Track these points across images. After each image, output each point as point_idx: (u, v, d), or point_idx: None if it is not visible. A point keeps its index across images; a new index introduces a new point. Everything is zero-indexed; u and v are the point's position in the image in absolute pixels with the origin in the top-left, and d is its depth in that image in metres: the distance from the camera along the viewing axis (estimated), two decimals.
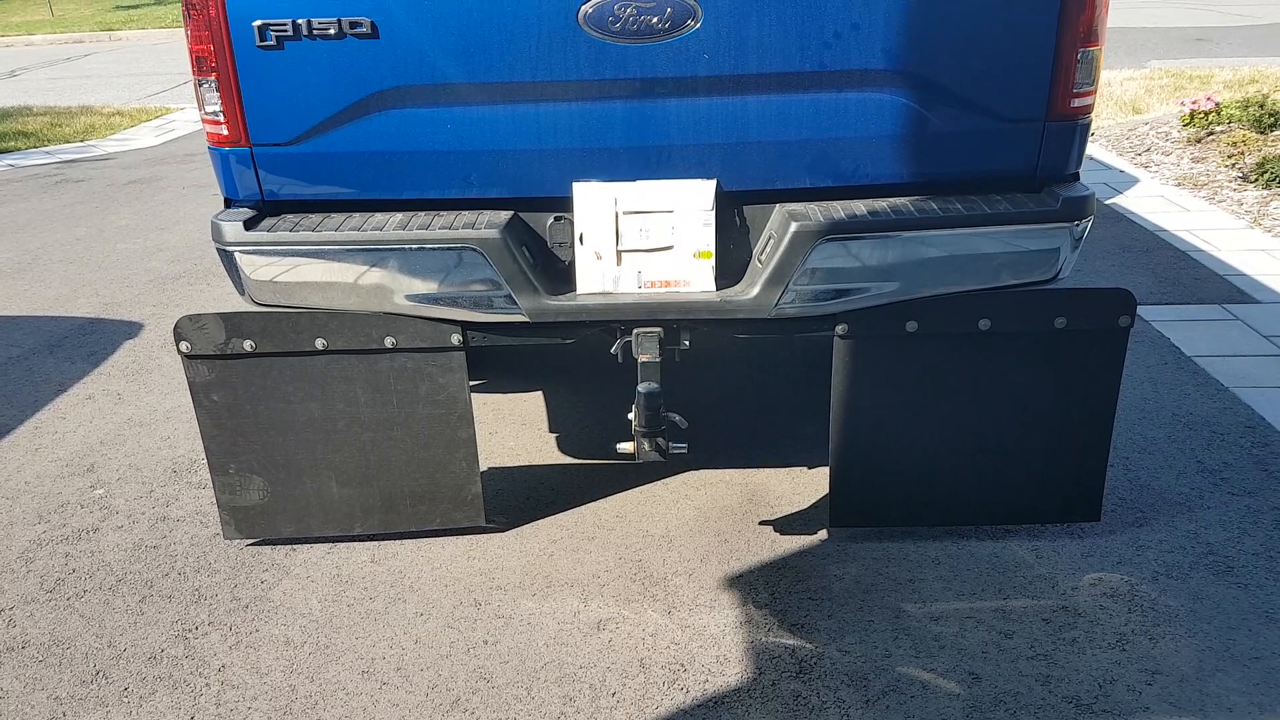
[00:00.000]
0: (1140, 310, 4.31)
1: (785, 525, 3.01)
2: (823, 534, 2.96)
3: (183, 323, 2.65)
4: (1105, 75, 9.16)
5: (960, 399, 2.72)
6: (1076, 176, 2.64)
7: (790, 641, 2.52)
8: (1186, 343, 4.08)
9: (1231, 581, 2.66)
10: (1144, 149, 7.17)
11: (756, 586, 2.74)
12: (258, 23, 2.40)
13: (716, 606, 2.66)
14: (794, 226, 2.48)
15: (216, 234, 2.56)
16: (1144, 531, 2.89)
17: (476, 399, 3.45)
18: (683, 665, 2.46)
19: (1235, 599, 2.60)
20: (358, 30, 2.40)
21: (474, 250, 2.51)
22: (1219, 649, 2.43)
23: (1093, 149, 7.34)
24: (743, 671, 2.43)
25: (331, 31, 2.40)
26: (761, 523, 3.02)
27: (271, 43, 2.41)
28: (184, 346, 2.67)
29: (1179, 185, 6.32)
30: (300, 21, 2.39)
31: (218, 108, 2.49)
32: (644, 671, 2.44)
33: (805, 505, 3.11)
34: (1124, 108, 8.42)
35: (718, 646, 2.52)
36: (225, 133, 2.52)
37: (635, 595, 2.72)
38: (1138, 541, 2.85)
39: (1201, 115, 7.14)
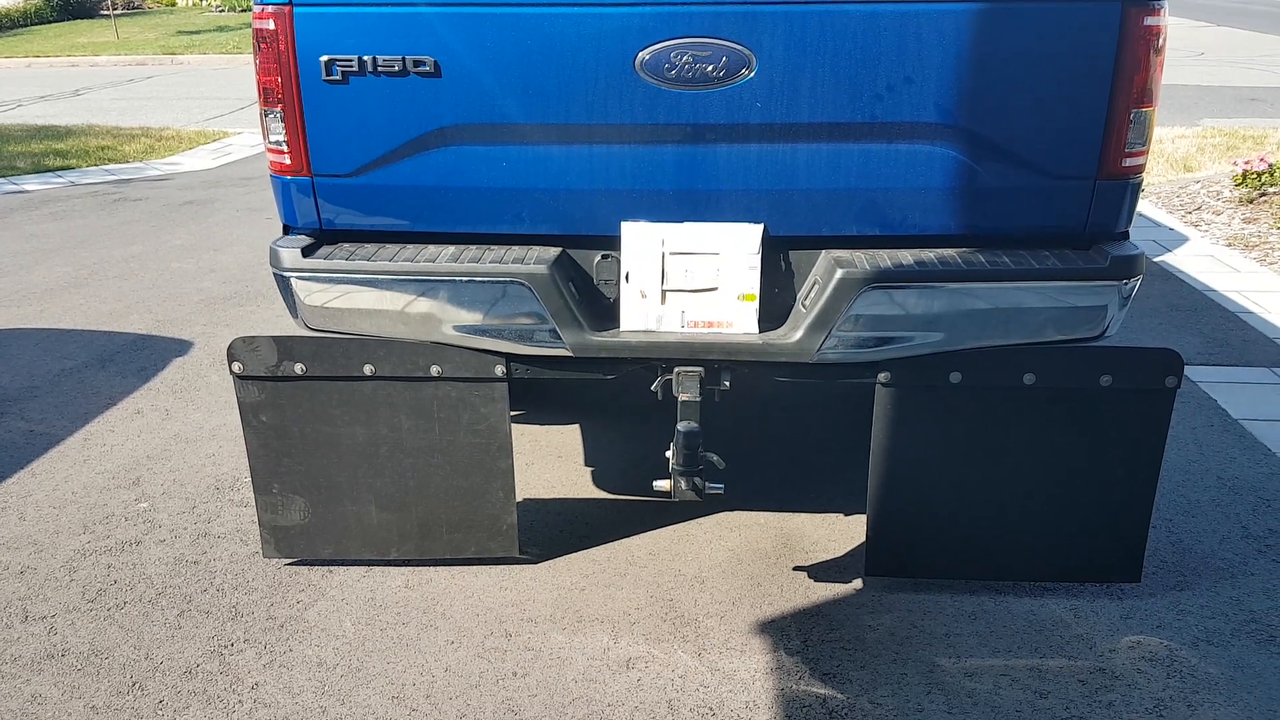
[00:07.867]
0: (1187, 371, 4.25)
1: (820, 572, 2.99)
2: (857, 583, 2.94)
3: (236, 344, 2.71)
4: (1156, 132, 9.09)
5: (1002, 453, 2.70)
6: (1126, 235, 2.63)
7: (821, 691, 2.50)
8: (1234, 405, 4.02)
9: (1274, 651, 2.61)
10: (1194, 207, 7.10)
11: (788, 632, 2.72)
12: (325, 58, 2.47)
13: (747, 651, 2.65)
14: (839, 273, 2.50)
15: (274, 260, 2.63)
16: (1185, 596, 2.84)
17: (514, 430, 3.48)
18: (711, 709, 2.45)
19: (1278, 669, 2.54)
20: (421, 69, 2.46)
21: (522, 284, 2.55)
22: None
23: (1142, 206, 7.28)
24: (772, 719, 2.41)
25: (396, 69, 2.47)
26: (795, 568, 3.01)
27: (337, 77, 2.49)
28: (236, 367, 2.73)
29: (1229, 245, 6.25)
30: (366, 58, 2.46)
31: (282, 138, 2.57)
32: (672, 713, 2.44)
33: (840, 552, 3.09)
34: (1175, 165, 8.35)
35: (747, 692, 2.51)
36: (288, 162, 2.59)
37: (665, 635, 2.72)
38: (1179, 605, 2.80)
39: (1254, 175, 7.07)
